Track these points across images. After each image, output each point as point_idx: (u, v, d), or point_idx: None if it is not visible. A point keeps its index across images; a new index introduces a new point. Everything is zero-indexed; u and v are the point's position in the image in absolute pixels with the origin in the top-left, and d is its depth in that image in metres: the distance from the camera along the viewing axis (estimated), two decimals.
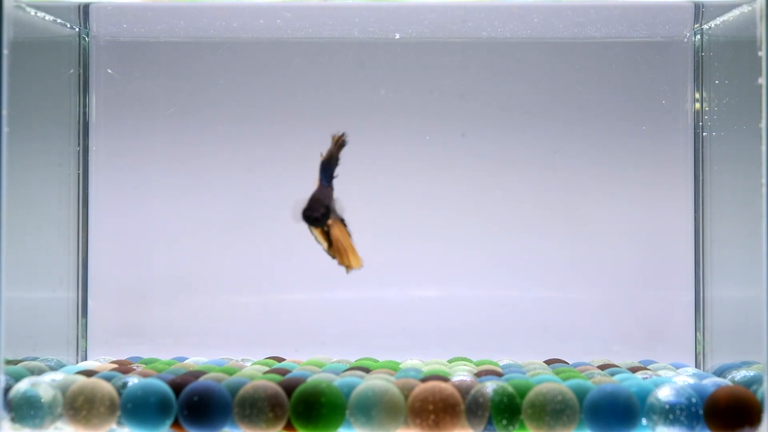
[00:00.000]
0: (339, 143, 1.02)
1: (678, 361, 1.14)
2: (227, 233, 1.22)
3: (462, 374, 0.97)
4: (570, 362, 1.13)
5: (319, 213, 0.97)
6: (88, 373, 0.97)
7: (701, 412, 0.86)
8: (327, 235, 0.99)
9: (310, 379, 0.90)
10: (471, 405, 0.86)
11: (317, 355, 1.15)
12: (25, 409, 0.88)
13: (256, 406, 0.86)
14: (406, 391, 0.87)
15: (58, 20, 1.15)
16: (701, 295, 1.18)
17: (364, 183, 1.21)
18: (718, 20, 1.11)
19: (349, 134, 1.03)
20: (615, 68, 1.22)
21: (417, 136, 1.22)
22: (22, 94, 0.96)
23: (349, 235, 1.01)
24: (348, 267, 1.01)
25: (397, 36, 1.19)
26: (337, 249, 0.99)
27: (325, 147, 1.04)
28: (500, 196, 1.22)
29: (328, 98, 1.22)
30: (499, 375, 0.99)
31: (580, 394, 0.87)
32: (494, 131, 1.22)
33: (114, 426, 0.88)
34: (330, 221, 0.98)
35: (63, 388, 0.89)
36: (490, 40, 1.21)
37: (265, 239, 1.22)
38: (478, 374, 1.00)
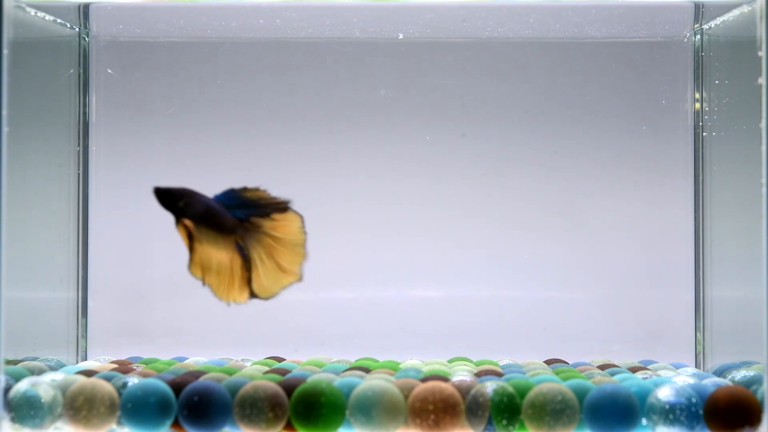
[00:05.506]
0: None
1: (678, 361, 1.14)
2: None
3: (462, 374, 0.97)
4: (570, 362, 1.13)
5: (162, 189, 0.93)
6: (88, 373, 0.97)
7: (701, 412, 0.86)
8: (189, 239, 0.96)
9: (310, 379, 0.89)
10: (471, 405, 0.86)
11: (317, 355, 1.15)
12: (25, 409, 0.88)
13: (256, 406, 0.86)
14: (406, 391, 0.87)
15: (58, 20, 1.15)
16: (701, 295, 1.18)
17: (364, 182, 1.21)
18: (718, 20, 1.11)
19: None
20: (615, 68, 1.22)
21: (417, 136, 1.22)
22: (22, 94, 0.96)
23: (247, 270, 0.98)
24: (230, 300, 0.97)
25: (400, 36, 1.19)
26: (199, 266, 0.97)
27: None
28: (500, 196, 1.22)
29: (328, 98, 1.22)
30: (499, 375, 0.99)
31: (580, 394, 0.87)
32: (494, 131, 1.22)
33: (114, 426, 0.88)
34: (189, 224, 0.94)
35: (63, 388, 0.89)
36: (489, 40, 1.21)
37: None
38: (478, 374, 1.00)
